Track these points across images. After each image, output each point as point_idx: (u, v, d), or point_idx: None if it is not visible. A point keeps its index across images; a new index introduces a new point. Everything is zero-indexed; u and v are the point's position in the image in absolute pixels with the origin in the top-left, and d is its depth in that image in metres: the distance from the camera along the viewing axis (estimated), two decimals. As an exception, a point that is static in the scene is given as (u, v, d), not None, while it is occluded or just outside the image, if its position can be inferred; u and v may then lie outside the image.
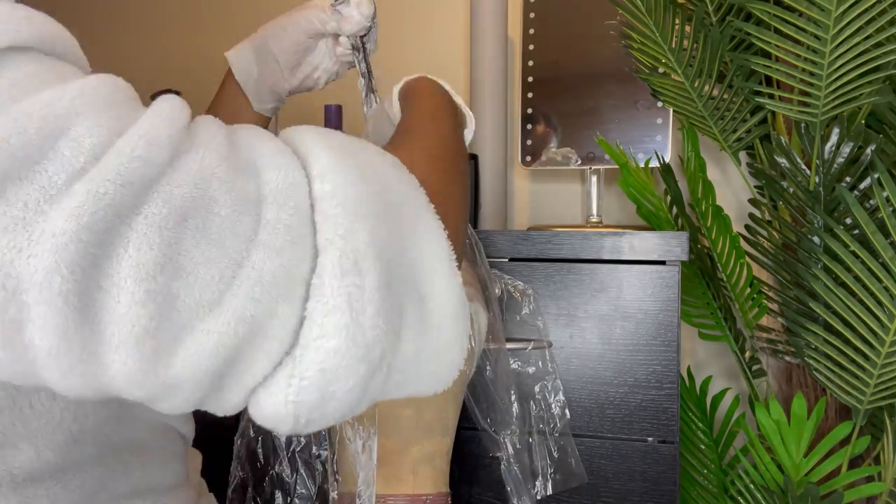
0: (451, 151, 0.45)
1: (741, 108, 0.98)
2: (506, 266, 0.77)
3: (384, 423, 0.60)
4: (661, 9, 0.95)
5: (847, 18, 0.76)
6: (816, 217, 0.83)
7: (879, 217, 0.75)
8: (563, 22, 1.11)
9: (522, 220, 1.29)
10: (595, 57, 1.09)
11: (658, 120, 1.06)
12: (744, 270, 0.98)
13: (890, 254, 0.73)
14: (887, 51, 0.77)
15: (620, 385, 0.74)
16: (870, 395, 0.80)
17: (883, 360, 0.77)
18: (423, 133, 0.46)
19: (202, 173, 0.29)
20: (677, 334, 0.73)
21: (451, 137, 0.47)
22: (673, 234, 0.73)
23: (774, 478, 0.83)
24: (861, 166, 0.81)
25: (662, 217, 1.02)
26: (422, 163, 0.40)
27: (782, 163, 0.86)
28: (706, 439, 1.01)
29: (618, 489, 0.74)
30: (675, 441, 0.73)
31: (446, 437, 0.64)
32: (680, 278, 0.74)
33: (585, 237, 0.74)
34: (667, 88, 1.01)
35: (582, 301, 0.75)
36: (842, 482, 0.81)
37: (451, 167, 0.43)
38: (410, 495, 0.60)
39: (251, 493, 0.70)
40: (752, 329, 1.01)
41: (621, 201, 1.23)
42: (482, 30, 1.15)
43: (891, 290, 0.73)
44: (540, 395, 0.74)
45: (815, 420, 0.80)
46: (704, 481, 0.99)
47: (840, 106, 0.82)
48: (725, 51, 0.95)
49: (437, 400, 0.62)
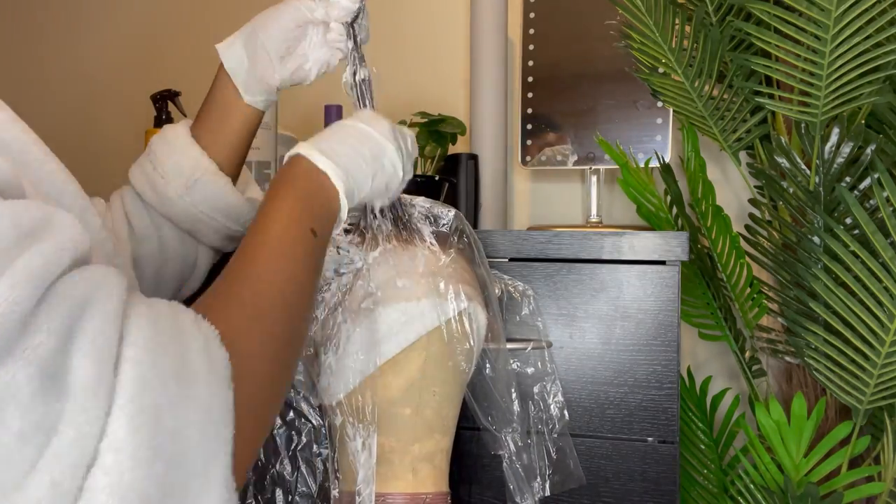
0: (283, 295, 0.43)
1: (741, 108, 0.98)
2: (506, 266, 0.77)
3: (384, 421, 0.61)
4: (661, 9, 0.95)
5: (847, 18, 0.76)
6: (816, 217, 0.83)
7: (879, 217, 0.75)
8: (563, 22, 1.11)
9: (522, 220, 1.29)
10: (595, 57, 1.09)
11: (658, 120, 1.06)
12: (744, 270, 0.98)
13: (890, 254, 0.73)
14: (887, 51, 0.77)
15: (620, 385, 0.74)
16: (870, 395, 0.80)
17: (883, 360, 0.77)
18: (253, 275, 0.43)
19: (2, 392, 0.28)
20: (677, 334, 0.73)
21: (285, 274, 0.44)
22: (673, 234, 0.73)
23: (774, 478, 0.83)
24: (861, 166, 0.81)
25: (662, 217, 1.02)
26: (240, 330, 0.39)
27: (782, 163, 0.86)
28: (706, 439, 1.01)
29: (618, 489, 0.74)
30: (675, 441, 0.73)
31: (446, 437, 0.64)
32: (680, 278, 0.74)
33: (585, 237, 0.74)
34: (667, 88, 1.01)
35: (582, 301, 0.75)
36: (842, 482, 0.81)
37: (283, 316, 0.42)
38: (410, 494, 0.60)
39: (252, 492, 0.70)
40: (752, 329, 1.01)
41: (621, 201, 1.23)
42: (482, 30, 1.15)
43: (891, 290, 0.73)
44: (539, 396, 0.74)
45: (815, 420, 0.80)
46: (704, 481, 0.99)
47: (840, 106, 0.82)
48: (725, 51, 0.95)
49: (436, 399, 0.63)
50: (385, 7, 1.37)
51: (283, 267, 0.45)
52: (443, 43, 1.34)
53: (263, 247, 0.45)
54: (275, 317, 0.42)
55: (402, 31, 1.36)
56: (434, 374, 0.62)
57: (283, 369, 0.43)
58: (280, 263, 0.45)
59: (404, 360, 0.62)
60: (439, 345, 0.62)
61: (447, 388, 0.63)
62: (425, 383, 0.62)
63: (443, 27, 1.34)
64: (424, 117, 1.09)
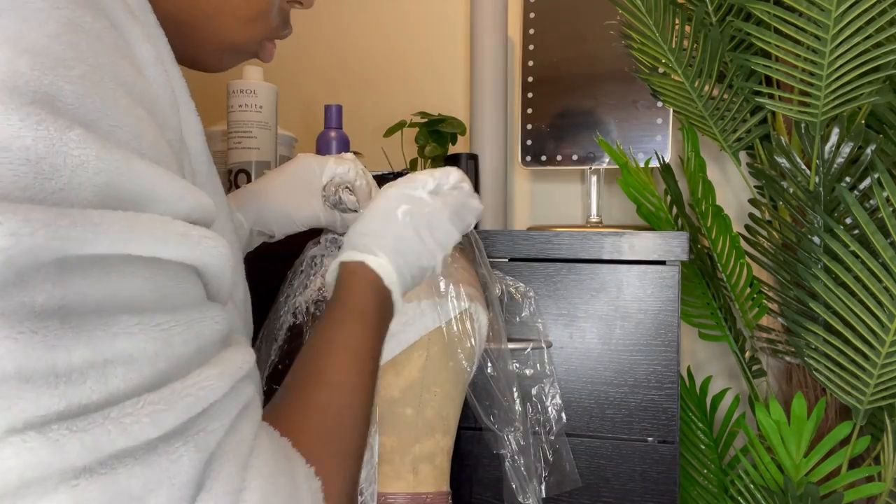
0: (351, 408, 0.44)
1: (741, 108, 0.98)
2: (506, 266, 0.77)
3: (385, 421, 0.61)
4: (661, 9, 0.95)
5: (847, 18, 0.76)
6: (816, 217, 0.83)
7: (879, 217, 0.75)
8: (563, 22, 1.11)
9: (522, 220, 1.29)
10: (595, 57, 1.09)
11: (658, 120, 1.06)
12: (744, 270, 0.98)
13: (890, 254, 0.73)
14: (887, 51, 0.77)
15: (620, 385, 0.74)
16: (870, 395, 0.80)
17: (883, 360, 0.77)
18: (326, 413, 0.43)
19: None
20: (677, 334, 0.73)
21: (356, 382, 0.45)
22: (673, 234, 0.73)
23: (774, 478, 0.83)
24: (861, 166, 0.81)
25: (662, 217, 1.02)
26: (323, 464, 0.39)
27: (782, 163, 0.86)
28: (706, 439, 1.01)
29: (618, 489, 0.74)
30: (675, 441, 0.73)
31: (447, 437, 0.64)
32: (680, 278, 0.74)
33: (585, 237, 0.74)
34: (667, 88, 1.01)
35: (582, 301, 0.75)
36: (842, 482, 0.81)
37: (354, 447, 0.43)
38: (411, 494, 0.60)
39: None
40: (752, 329, 1.01)
41: (621, 201, 1.23)
42: (482, 30, 1.15)
43: (891, 290, 0.74)
44: (537, 397, 0.74)
45: (815, 420, 0.80)
46: (704, 481, 0.99)
47: (840, 106, 0.82)
48: (725, 51, 0.95)
49: (437, 399, 0.62)
50: (385, 7, 1.37)
51: (358, 400, 0.45)
52: (443, 43, 1.34)
53: (340, 376, 0.45)
54: (353, 449, 0.43)
55: (402, 31, 1.36)
56: (435, 374, 0.62)
57: (356, 493, 0.44)
58: (357, 397, 0.45)
59: (405, 360, 0.62)
60: (440, 345, 0.62)
61: (448, 388, 0.63)
62: (426, 383, 0.62)
63: (443, 27, 1.34)
64: (424, 117, 1.09)
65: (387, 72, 1.38)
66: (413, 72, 1.36)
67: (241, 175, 0.91)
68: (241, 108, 0.90)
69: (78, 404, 0.26)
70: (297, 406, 0.42)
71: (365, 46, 1.39)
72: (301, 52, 1.40)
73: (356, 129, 1.33)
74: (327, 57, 1.40)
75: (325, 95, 1.39)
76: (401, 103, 1.35)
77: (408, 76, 1.36)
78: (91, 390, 0.26)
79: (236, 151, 0.91)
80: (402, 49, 1.36)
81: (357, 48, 1.39)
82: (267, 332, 0.66)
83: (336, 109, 1.02)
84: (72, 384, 0.26)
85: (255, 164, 0.91)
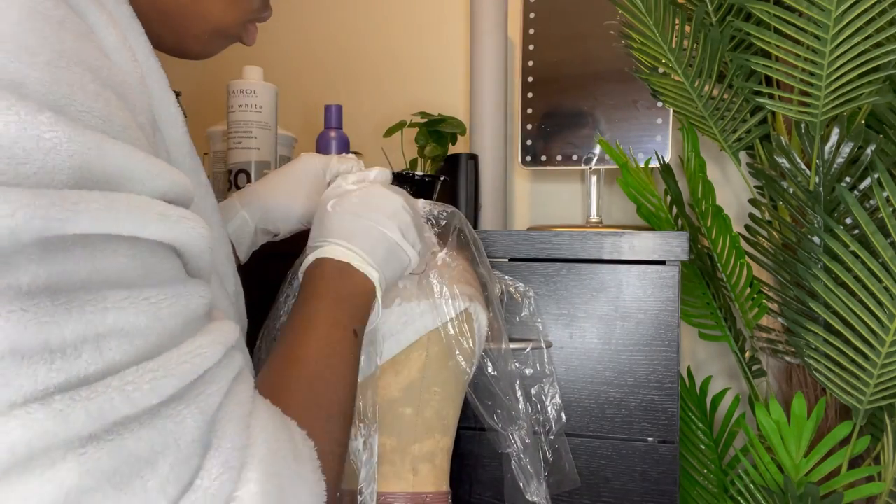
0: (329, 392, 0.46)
1: (741, 108, 0.98)
2: (506, 266, 0.77)
3: (385, 421, 0.61)
4: (661, 9, 0.95)
5: (847, 18, 0.76)
6: (816, 217, 0.83)
7: (879, 217, 0.75)
8: (563, 22, 1.11)
9: (522, 220, 1.29)
10: (595, 57, 1.09)
11: (658, 120, 1.06)
12: (744, 270, 0.98)
13: (890, 254, 0.73)
14: (887, 51, 0.77)
15: (620, 385, 0.74)
16: (870, 396, 0.80)
17: (883, 360, 0.77)
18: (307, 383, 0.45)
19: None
20: (677, 334, 0.73)
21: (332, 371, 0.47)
22: (673, 234, 0.73)
23: (774, 478, 0.83)
24: (861, 166, 0.81)
25: (662, 217, 1.02)
26: (312, 427, 0.41)
27: (782, 163, 0.86)
28: (706, 439, 1.01)
29: (618, 489, 0.74)
30: (675, 441, 0.73)
31: (446, 436, 0.64)
32: (680, 278, 0.74)
33: (585, 237, 0.74)
34: (667, 88, 1.01)
35: (582, 301, 0.75)
36: (842, 482, 0.81)
37: (335, 410, 0.45)
38: (411, 493, 0.60)
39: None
40: (752, 329, 1.01)
41: (621, 201, 1.23)
42: (482, 30, 1.15)
43: (891, 290, 0.74)
44: (537, 397, 0.74)
45: (815, 420, 0.80)
46: (704, 481, 0.99)
47: (840, 106, 0.82)
48: (725, 51, 0.95)
49: (437, 399, 0.63)
50: (385, 7, 1.37)
51: (331, 367, 0.47)
52: (443, 43, 1.34)
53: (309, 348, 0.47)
54: (334, 413, 0.45)
55: (402, 31, 1.36)
56: (434, 373, 0.62)
57: (342, 469, 0.45)
58: (329, 364, 0.47)
59: (404, 360, 0.62)
60: (439, 345, 0.62)
61: (448, 387, 0.63)
62: (426, 383, 0.62)
63: (443, 27, 1.34)
64: (424, 117, 1.09)
65: (387, 72, 1.38)
66: (413, 72, 1.36)
67: (241, 175, 0.91)
68: (241, 108, 0.90)
69: (77, 377, 0.27)
70: (278, 381, 0.44)
71: (365, 46, 1.39)
72: (301, 52, 1.40)
73: (356, 129, 1.33)
74: (327, 57, 1.40)
75: (325, 95, 1.39)
76: (401, 103, 1.35)
77: (408, 76, 1.36)
78: (87, 363, 0.27)
79: (236, 151, 0.91)
80: (402, 49, 1.36)
81: (357, 48, 1.39)
82: (267, 332, 0.66)
83: (336, 109, 1.02)
84: (67, 358, 0.26)
85: (255, 164, 0.91)
